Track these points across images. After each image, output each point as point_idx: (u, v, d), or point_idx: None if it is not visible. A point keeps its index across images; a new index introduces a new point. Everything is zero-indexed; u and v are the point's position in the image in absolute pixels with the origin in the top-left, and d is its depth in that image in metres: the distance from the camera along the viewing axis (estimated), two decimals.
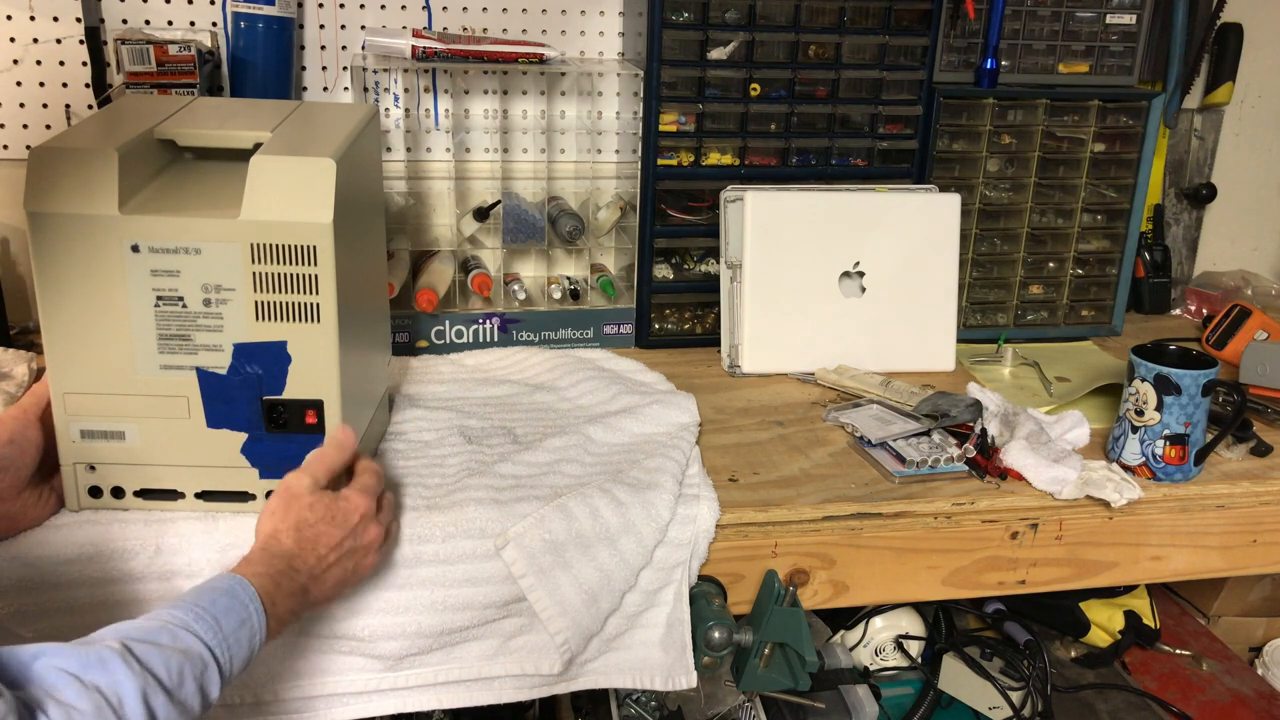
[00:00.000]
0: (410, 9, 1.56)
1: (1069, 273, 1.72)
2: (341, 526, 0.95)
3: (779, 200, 1.50)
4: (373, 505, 0.99)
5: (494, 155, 1.61)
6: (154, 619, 0.78)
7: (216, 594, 0.82)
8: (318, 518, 0.94)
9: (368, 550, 0.98)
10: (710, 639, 1.11)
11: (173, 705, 0.73)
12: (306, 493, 0.95)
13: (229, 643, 0.80)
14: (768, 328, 1.51)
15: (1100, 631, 1.60)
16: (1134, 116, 1.65)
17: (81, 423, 1.01)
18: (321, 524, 0.94)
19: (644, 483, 1.15)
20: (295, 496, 0.95)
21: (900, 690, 1.49)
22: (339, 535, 0.95)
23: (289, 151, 0.99)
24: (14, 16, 1.44)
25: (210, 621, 0.79)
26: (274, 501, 0.95)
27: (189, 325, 0.99)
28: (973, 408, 1.32)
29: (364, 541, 0.97)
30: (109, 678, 0.70)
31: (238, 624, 0.82)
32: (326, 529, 0.94)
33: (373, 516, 0.98)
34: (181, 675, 0.75)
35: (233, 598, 0.83)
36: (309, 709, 1.07)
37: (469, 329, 1.53)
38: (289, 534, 0.92)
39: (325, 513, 0.95)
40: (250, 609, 0.83)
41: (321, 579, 0.93)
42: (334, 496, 0.96)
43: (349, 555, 0.96)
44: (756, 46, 1.52)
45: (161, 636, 0.76)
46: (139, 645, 0.73)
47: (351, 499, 0.97)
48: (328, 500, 0.96)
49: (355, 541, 0.96)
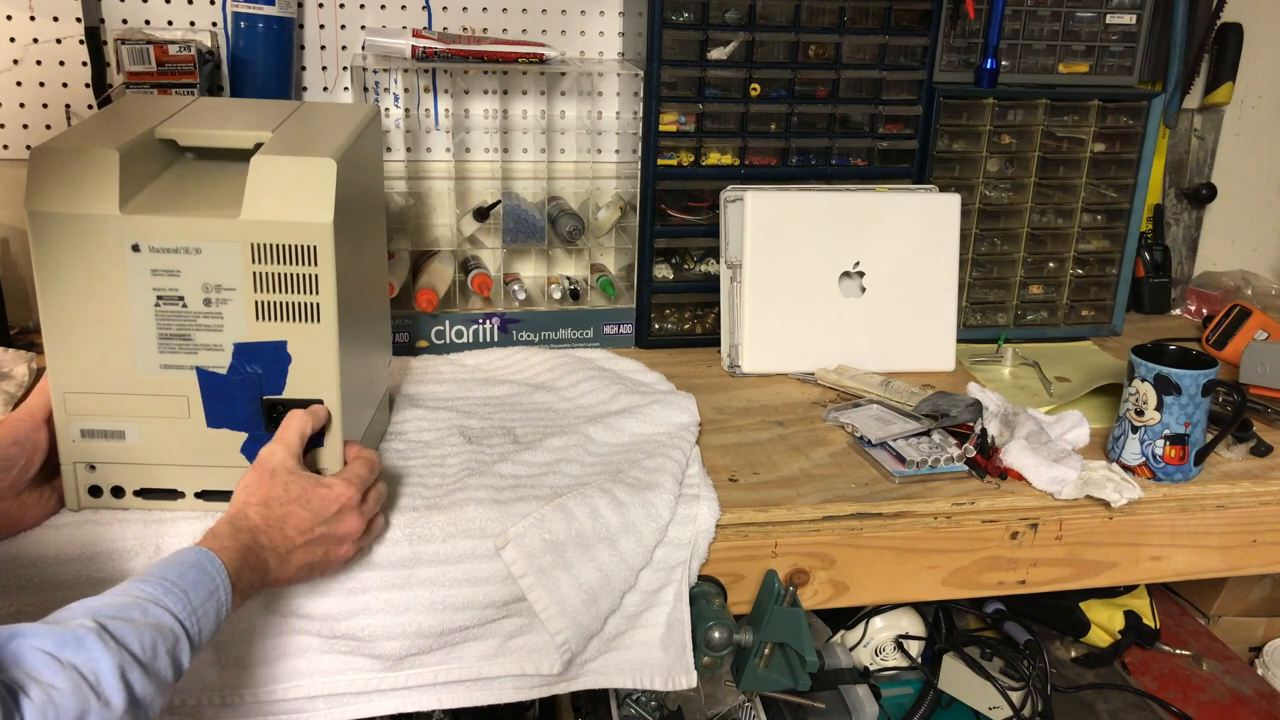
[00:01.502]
0: (410, 9, 1.56)
1: (1069, 273, 1.72)
2: (315, 512, 0.95)
3: (779, 200, 1.50)
4: (356, 495, 0.98)
5: (494, 155, 1.61)
6: (123, 594, 0.78)
7: (184, 567, 0.82)
8: (290, 497, 0.94)
9: (342, 540, 0.97)
10: (710, 639, 1.11)
11: (148, 679, 0.74)
12: (283, 470, 0.95)
13: (198, 615, 0.80)
14: (768, 328, 1.51)
15: (1100, 631, 1.60)
16: (1134, 116, 1.65)
17: (81, 422, 1.01)
18: (293, 505, 0.94)
19: (644, 483, 1.15)
20: (271, 472, 0.95)
21: (900, 690, 1.49)
22: (310, 520, 0.94)
23: (289, 151, 0.99)
24: (14, 16, 1.44)
25: (180, 594, 0.80)
26: (249, 475, 0.95)
27: (189, 325, 0.99)
28: (973, 408, 1.32)
29: (339, 531, 0.97)
30: (85, 655, 0.70)
31: (206, 596, 0.82)
32: (298, 511, 0.94)
33: (354, 507, 0.98)
34: (155, 649, 0.75)
35: (200, 570, 0.83)
36: (309, 709, 1.07)
37: (469, 329, 1.53)
38: (256, 509, 0.92)
39: (300, 493, 0.94)
40: (217, 581, 0.84)
41: (286, 559, 0.93)
42: (314, 480, 0.96)
43: (319, 542, 0.95)
44: (756, 46, 1.52)
45: (133, 612, 0.76)
46: (113, 622, 0.74)
47: (334, 486, 0.97)
48: (305, 483, 0.95)
49: (329, 529, 0.96)
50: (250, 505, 0.93)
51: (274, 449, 0.97)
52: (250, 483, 0.95)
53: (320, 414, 1.01)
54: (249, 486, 0.94)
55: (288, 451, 0.97)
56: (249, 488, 0.94)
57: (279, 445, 0.97)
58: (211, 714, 1.04)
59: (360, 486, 0.99)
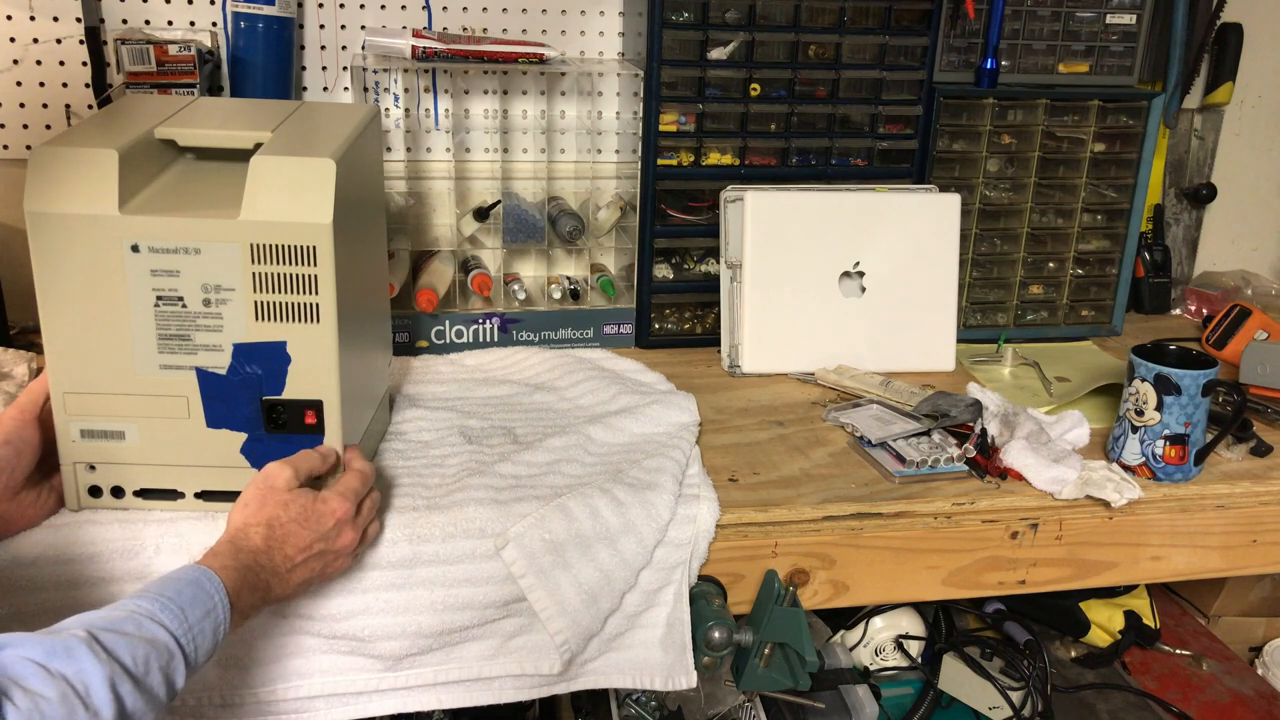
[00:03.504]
0: (410, 9, 1.56)
1: (1069, 273, 1.72)
2: (313, 529, 0.95)
3: (779, 200, 1.50)
4: (351, 509, 0.98)
5: (494, 155, 1.61)
6: (120, 608, 0.78)
7: (182, 584, 0.82)
8: (290, 517, 0.94)
9: (339, 554, 0.98)
10: (710, 639, 1.11)
11: (139, 693, 0.73)
12: (284, 488, 0.95)
13: (194, 633, 0.80)
14: (768, 328, 1.51)
15: (1100, 631, 1.60)
16: (1134, 116, 1.65)
17: (81, 422, 1.01)
18: (294, 523, 0.94)
19: (644, 483, 1.15)
20: (273, 490, 0.95)
21: (900, 690, 1.49)
22: (309, 538, 0.94)
23: (289, 152, 0.99)
24: (14, 16, 1.44)
25: (176, 611, 0.80)
26: (250, 492, 0.95)
27: (189, 325, 0.99)
28: (973, 408, 1.32)
29: (336, 546, 0.97)
30: (75, 666, 0.70)
31: (203, 614, 0.82)
32: (297, 530, 0.94)
33: (349, 520, 0.98)
34: (148, 664, 0.75)
35: (198, 588, 0.83)
36: (309, 709, 1.07)
37: (469, 329, 1.53)
38: (259, 530, 0.92)
39: (299, 512, 0.94)
40: (215, 600, 0.83)
41: (286, 578, 0.93)
42: (311, 497, 0.96)
43: (318, 557, 0.96)
44: (756, 46, 1.52)
45: (128, 625, 0.76)
46: (105, 634, 0.73)
47: (330, 501, 0.97)
48: (304, 500, 0.95)
49: (327, 545, 0.96)
50: (252, 526, 0.93)
51: (280, 469, 0.96)
52: (251, 500, 0.95)
53: (330, 459, 1.02)
54: (250, 504, 0.94)
55: (293, 472, 0.97)
56: (250, 505, 0.94)
57: (286, 466, 0.97)
58: (212, 714, 1.04)
59: (354, 499, 0.99)
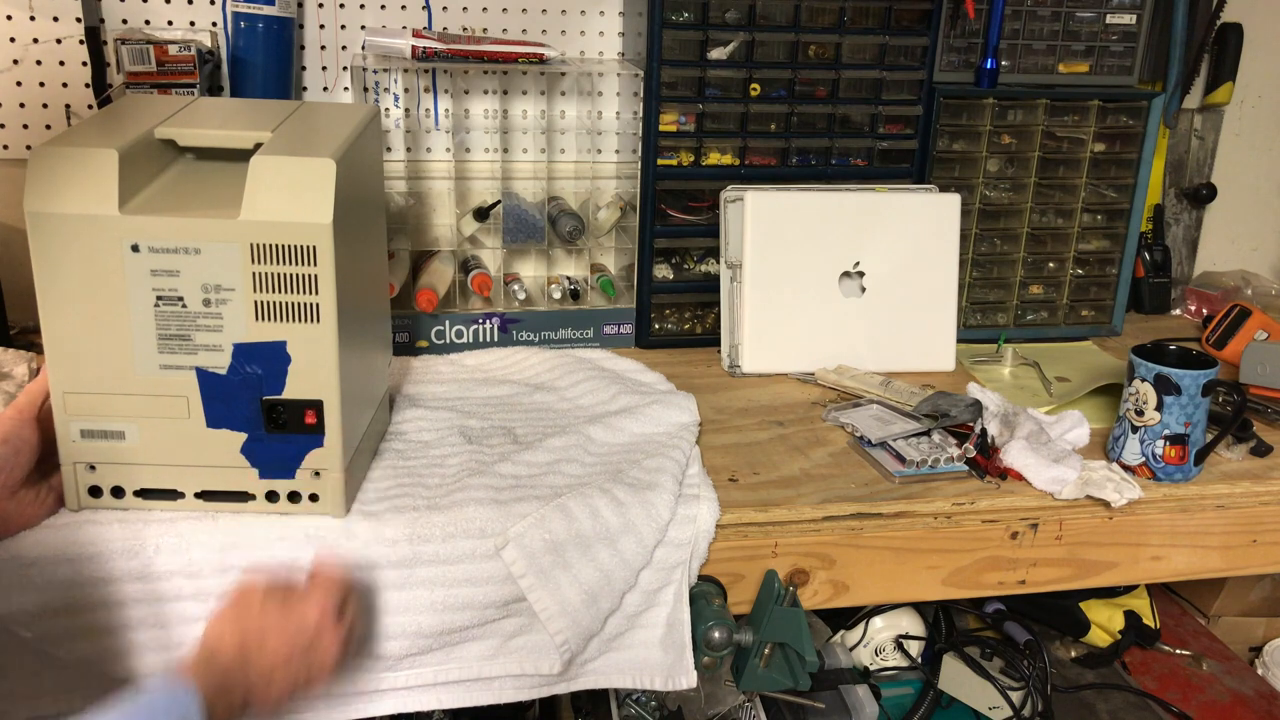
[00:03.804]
0: (410, 9, 1.56)
1: (1069, 273, 1.72)
2: (290, 640, 0.91)
3: (779, 200, 1.50)
4: (331, 606, 0.94)
5: (494, 155, 1.61)
6: None
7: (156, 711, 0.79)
8: (266, 627, 0.90)
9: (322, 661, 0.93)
10: (710, 639, 1.11)
11: None
12: (258, 601, 0.92)
13: None
14: (768, 328, 1.51)
15: (1100, 631, 1.60)
16: (1134, 116, 1.65)
17: (81, 422, 1.01)
18: (269, 635, 0.90)
19: (644, 483, 1.15)
20: (247, 606, 0.92)
21: (900, 690, 1.49)
22: (286, 650, 0.91)
23: (289, 151, 0.99)
24: (14, 16, 1.44)
25: None
26: (225, 607, 0.92)
27: (189, 325, 0.99)
28: (973, 408, 1.32)
29: (317, 656, 0.93)
30: None
31: None
32: (274, 642, 0.90)
33: (331, 623, 0.94)
34: None
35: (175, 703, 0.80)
36: (309, 709, 1.07)
37: (469, 329, 1.53)
38: (233, 647, 0.89)
39: (275, 623, 0.91)
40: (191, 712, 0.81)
41: (266, 691, 0.90)
42: (287, 607, 0.92)
43: (301, 664, 0.92)
44: (756, 46, 1.52)
45: None
46: None
47: (309, 601, 0.93)
48: (279, 611, 0.92)
49: (307, 658, 0.92)
50: (227, 640, 0.89)
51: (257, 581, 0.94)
52: (226, 614, 0.91)
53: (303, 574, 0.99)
54: (225, 618, 0.91)
55: (269, 583, 0.94)
56: (225, 619, 0.91)
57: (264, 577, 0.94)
58: None
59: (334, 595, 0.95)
